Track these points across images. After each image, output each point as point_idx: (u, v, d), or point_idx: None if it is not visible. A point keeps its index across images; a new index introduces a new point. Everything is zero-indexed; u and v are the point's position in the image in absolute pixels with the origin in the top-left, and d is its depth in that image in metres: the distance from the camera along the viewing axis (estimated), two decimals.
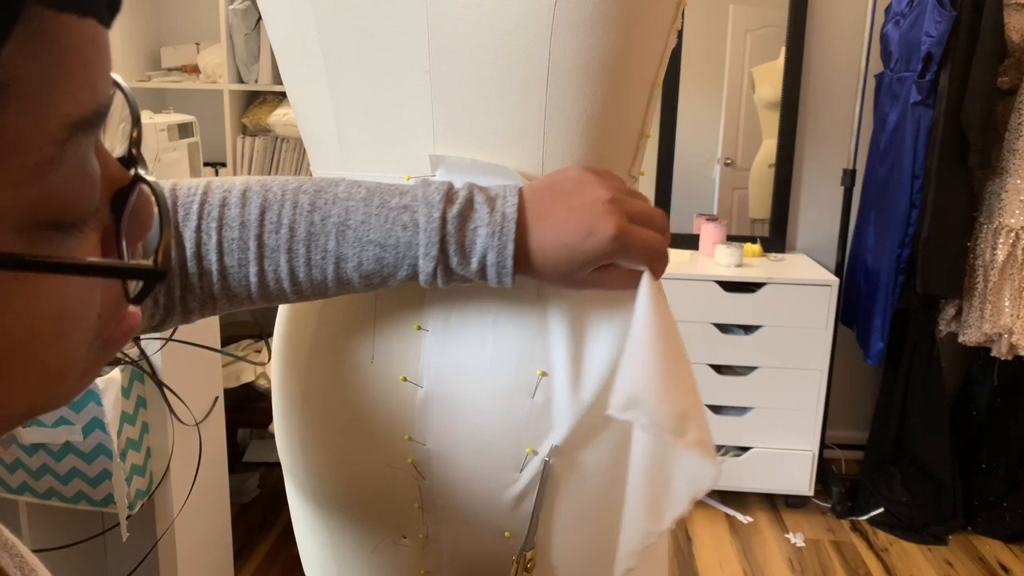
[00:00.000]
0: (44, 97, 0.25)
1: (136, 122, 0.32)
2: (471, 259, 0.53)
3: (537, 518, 0.58)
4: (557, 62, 0.56)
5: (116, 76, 0.30)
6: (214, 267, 0.54)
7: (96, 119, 0.27)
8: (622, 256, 0.54)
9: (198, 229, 0.53)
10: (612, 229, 0.53)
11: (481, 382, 0.60)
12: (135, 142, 0.32)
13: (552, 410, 0.59)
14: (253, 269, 0.54)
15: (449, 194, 0.53)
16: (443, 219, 0.52)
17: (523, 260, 0.54)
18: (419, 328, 0.61)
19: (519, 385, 0.59)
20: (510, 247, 0.53)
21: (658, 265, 0.57)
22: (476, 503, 0.62)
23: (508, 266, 0.53)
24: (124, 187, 0.31)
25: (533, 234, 0.53)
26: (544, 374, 0.59)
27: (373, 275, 0.55)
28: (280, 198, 0.54)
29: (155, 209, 0.32)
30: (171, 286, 0.54)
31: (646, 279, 0.57)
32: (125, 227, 0.31)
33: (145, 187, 0.31)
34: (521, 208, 0.54)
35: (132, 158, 0.32)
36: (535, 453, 0.59)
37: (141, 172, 0.31)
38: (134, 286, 0.31)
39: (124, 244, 0.31)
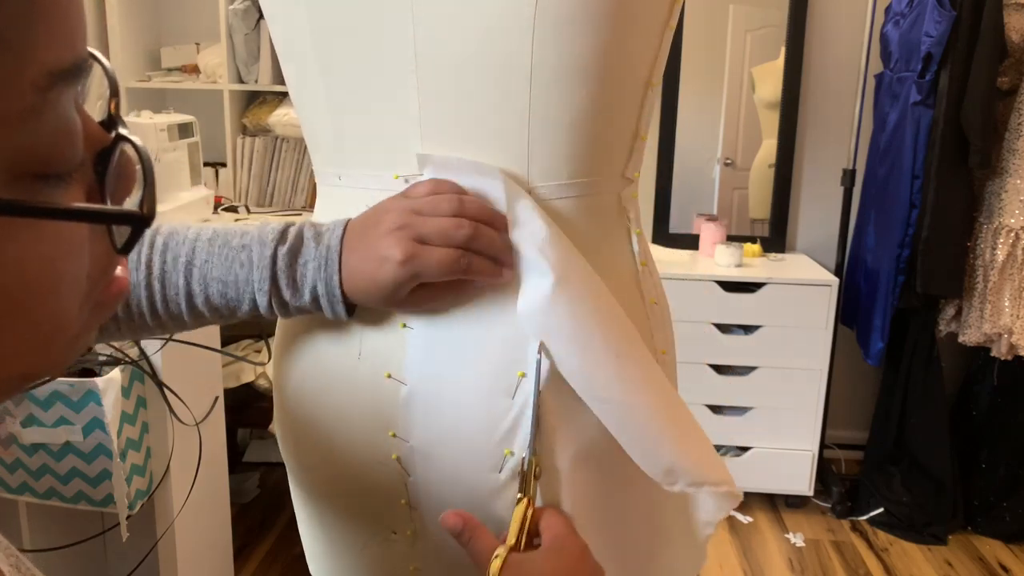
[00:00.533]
0: (24, 44, 0.25)
1: (115, 92, 0.33)
2: (303, 291, 0.58)
3: (536, 421, 0.58)
4: (540, 61, 0.56)
5: (92, 50, 0.31)
6: None
7: (76, 72, 0.28)
8: (420, 278, 0.56)
9: None
10: (399, 255, 0.55)
11: (463, 381, 0.60)
12: (115, 106, 0.33)
13: (528, 412, 0.59)
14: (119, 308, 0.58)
15: (283, 233, 0.58)
16: (273, 257, 0.57)
17: (351, 293, 0.57)
18: (404, 326, 0.61)
19: (499, 385, 0.59)
20: (336, 278, 0.56)
21: (479, 274, 0.57)
22: (458, 501, 0.62)
23: (337, 295, 0.57)
24: (106, 147, 0.32)
25: (346, 268, 0.57)
26: (524, 375, 0.59)
27: (221, 308, 0.59)
28: (142, 239, 0.59)
29: (138, 168, 0.33)
30: None
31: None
32: (109, 185, 0.32)
33: (127, 146, 0.32)
34: (344, 241, 0.57)
35: (112, 120, 0.33)
36: (512, 454, 0.59)
37: (123, 132, 0.32)
38: (120, 238, 0.32)
39: (109, 202, 0.32)
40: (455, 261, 0.56)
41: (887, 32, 2.42)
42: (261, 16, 2.32)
